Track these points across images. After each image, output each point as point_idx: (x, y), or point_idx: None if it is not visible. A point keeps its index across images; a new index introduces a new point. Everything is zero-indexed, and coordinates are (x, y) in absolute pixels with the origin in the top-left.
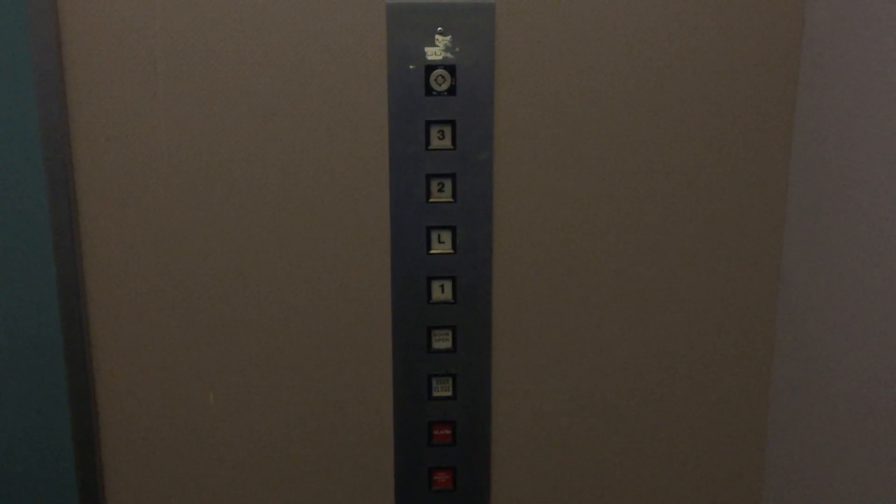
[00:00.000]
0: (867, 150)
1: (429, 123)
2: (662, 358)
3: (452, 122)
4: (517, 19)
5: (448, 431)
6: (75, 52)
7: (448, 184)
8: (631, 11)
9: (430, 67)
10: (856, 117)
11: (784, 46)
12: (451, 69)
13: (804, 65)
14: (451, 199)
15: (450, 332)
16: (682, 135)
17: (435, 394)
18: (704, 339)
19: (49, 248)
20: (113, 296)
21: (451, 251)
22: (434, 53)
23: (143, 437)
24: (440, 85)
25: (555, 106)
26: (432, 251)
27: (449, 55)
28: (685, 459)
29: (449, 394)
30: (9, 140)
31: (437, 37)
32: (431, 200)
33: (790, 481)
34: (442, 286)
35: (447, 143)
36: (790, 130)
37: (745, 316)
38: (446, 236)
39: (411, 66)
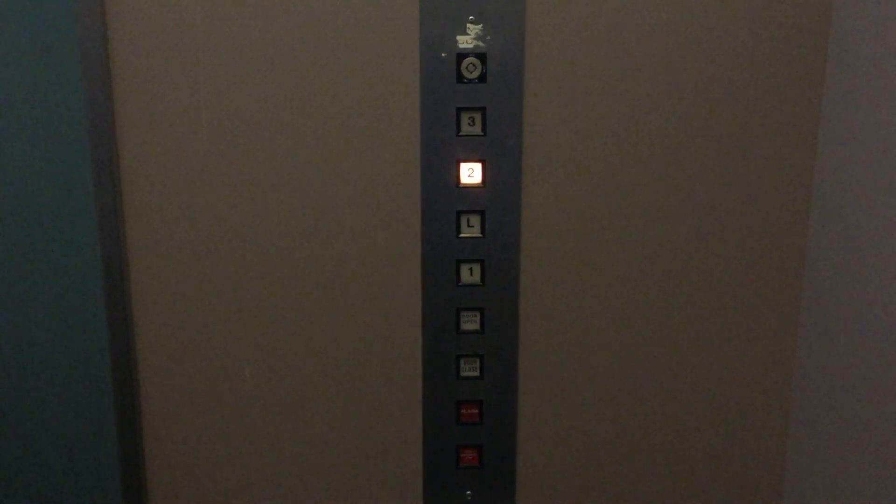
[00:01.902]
0: (892, 146)
1: (459, 110)
2: (688, 341)
3: (483, 109)
4: (547, 8)
5: (475, 411)
6: (121, 43)
7: (478, 169)
8: (660, 1)
9: (462, 55)
10: (882, 113)
11: (811, 43)
12: (481, 57)
13: (830, 63)
14: (480, 185)
15: (478, 314)
16: (709, 124)
17: (463, 374)
18: (728, 328)
19: (94, 229)
20: (154, 276)
21: (480, 235)
22: (465, 42)
23: (183, 411)
24: (471, 72)
25: (583, 94)
26: (462, 235)
27: (480, 43)
28: (708, 444)
29: (477, 374)
30: (58, 127)
31: (468, 25)
32: (461, 185)
33: (811, 475)
34: (471, 269)
35: (477, 129)
36: (816, 127)
37: (768, 304)
38: (475, 220)
39: (443, 54)
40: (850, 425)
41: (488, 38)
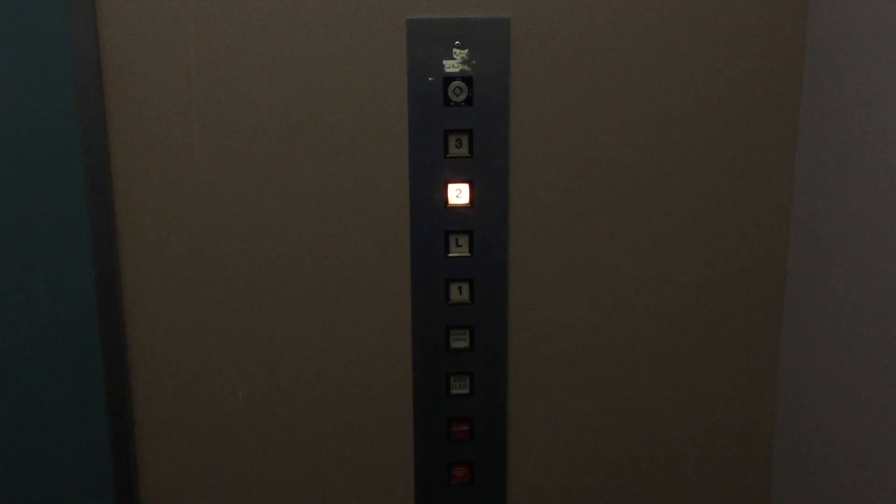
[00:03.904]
0: (871, 150)
1: (447, 132)
2: (674, 356)
3: (469, 131)
4: (531, 33)
5: (466, 428)
6: (114, 64)
7: (465, 190)
8: (640, 22)
9: (448, 79)
10: (859, 117)
11: (788, 52)
12: (468, 81)
13: (807, 69)
14: (468, 205)
15: (467, 332)
16: (691, 141)
17: (453, 391)
18: (714, 339)
19: (88, 250)
20: (148, 296)
21: (469, 254)
22: (452, 66)
23: (176, 432)
24: (458, 96)
25: (567, 115)
26: (451, 254)
27: (466, 67)
28: (696, 456)
29: (467, 391)
30: (52, 147)
31: (454, 50)
32: (449, 206)
33: (798, 479)
34: (460, 287)
35: (464, 151)
36: (795, 133)
37: (752, 315)
38: (464, 240)
39: (430, 79)
40: (837, 426)
41: (474, 62)
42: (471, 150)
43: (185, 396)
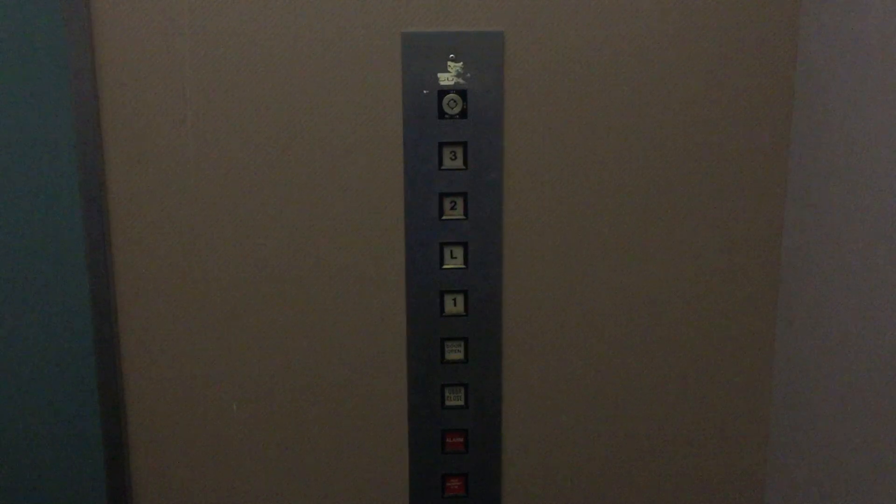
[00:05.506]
0: (862, 154)
1: (441, 145)
2: (668, 364)
3: (464, 144)
4: (525, 46)
5: (461, 439)
6: (110, 80)
7: (460, 202)
8: (633, 35)
9: (443, 92)
10: (852, 120)
11: (780, 60)
12: (462, 94)
13: (799, 77)
14: (463, 217)
15: (462, 344)
16: (684, 151)
17: (448, 403)
18: (707, 344)
19: (83, 260)
20: (142, 308)
21: (463, 266)
22: (446, 79)
23: (170, 445)
24: (452, 108)
25: (561, 127)
26: (445, 266)
27: (460, 80)
28: (692, 461)
29: (461, 403)
30: (48, 162)
31: (449, 63)
32: (444, 218)
33: (792, 479)
34: (454, 299)
35: (459, 163)
36: (787, 138)
37: (746, 319)
38: (458, 252)
39: (425, 91)
40: (831, 427)
41: (468, 75)
42: (465, 163)
43: (179, 407)
